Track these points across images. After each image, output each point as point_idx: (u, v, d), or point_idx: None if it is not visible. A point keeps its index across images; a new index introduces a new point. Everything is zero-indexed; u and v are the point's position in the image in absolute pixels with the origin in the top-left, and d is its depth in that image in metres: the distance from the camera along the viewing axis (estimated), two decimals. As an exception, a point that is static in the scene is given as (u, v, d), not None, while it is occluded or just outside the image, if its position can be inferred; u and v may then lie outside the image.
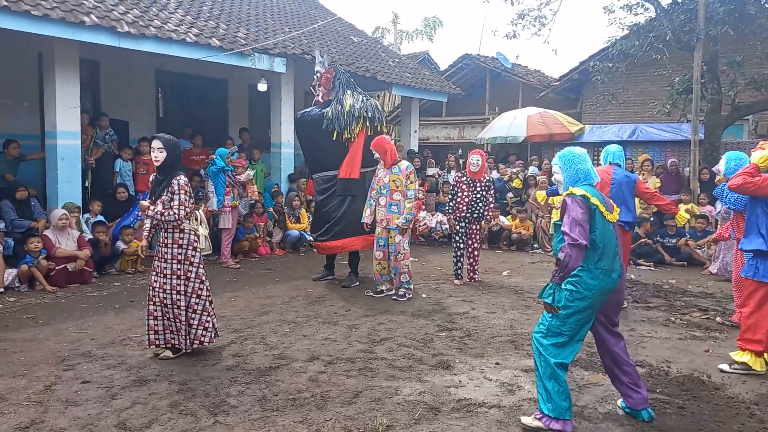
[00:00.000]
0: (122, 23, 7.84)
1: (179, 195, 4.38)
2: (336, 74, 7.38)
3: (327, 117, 7.03)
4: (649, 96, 12.90)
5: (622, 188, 5.96)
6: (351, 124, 6.98)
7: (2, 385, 3.93)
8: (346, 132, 6.98)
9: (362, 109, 7.06)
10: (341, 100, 7.14)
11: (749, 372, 4.38)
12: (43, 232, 7.15)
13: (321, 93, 7.34)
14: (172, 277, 4.46)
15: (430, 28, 29.97)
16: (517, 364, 4.51)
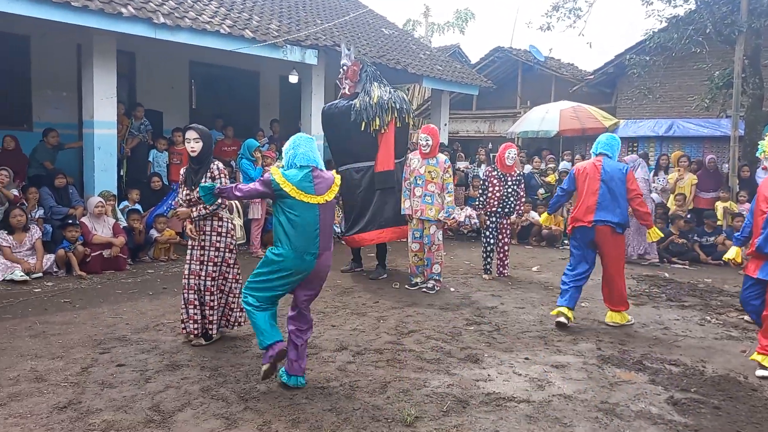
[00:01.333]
0: (158, 14, 7.97)
1: (221, 179, 4.48)
2: (363, 67, 7.35)
3: (355, 108, 7.00)
4: (687, 90, 12.57)
5: (614, 183, 5.28)
6: (380, 115, 6.95)
7: (42, 366, 4.05)
8: (375, 123, 6.95)
9: (390, 101, 7.03)
10: (369, 92, 7.11)
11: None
12: (80, 219, 7.34)
13: (347, 86, 7.33)
14: (208, 264, 4.55)
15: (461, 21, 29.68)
16: (547, 360, 4.46)
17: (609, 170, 5.30)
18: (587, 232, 5.31)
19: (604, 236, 5.25)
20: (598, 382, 4.04)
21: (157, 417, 3.32)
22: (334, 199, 3.69)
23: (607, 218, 5.20)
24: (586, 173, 5.37)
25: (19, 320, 5.09)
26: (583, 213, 5.30)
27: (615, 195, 5.25)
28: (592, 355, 4.62)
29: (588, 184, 5.31)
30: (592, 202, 5.23)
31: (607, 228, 5.22)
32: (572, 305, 5.37)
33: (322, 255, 3.60)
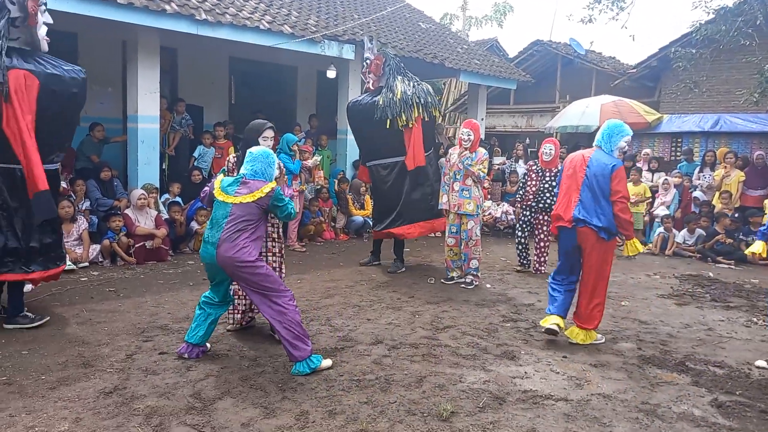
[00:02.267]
0: (200, 11, 8.11)
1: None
2: (386, 60, 7.27)
3: (378, 106, 6.93)
4: (735, 84, 12.11)
5: (597, 181, 4.52)
6: (405, 111, 6.87)
7: (88, 352, 4.19)
8: (401, 119, 6.87)
9: (414, 96, 6.95)
10: (392, 87, 7.03)
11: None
12: (124, 210, 7.55)
13: (371, 80, 7.28)
14: (267, 254, 4.62)
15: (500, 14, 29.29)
16: (585, 359, 4.39)
17: (595, 165, 4.56)
18: (569, 233, 4.67)
19: (587, 240, 4.57)
20: (638, 383, 3.96)
21: (198, 404, 3.41)
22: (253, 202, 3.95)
23: (588, 219, 4.52)
24: (574, 165, 4.71)
25: (67, 308, 5.28)
26: (564, 210, 4.69)
27: (597, 195, 4.52)
28: (633, 354, 4.53)
29: (573, 179, 4.69)
30: (574, 199, 4.62)
31: (589, 231, 4.53)
32: (563, 313, 4.80)
33: (221, 246, 3.87)
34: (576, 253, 4.70)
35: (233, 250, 3.85)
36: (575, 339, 4.69)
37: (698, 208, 9.92)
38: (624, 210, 4.51)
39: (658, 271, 8.05)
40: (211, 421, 3.22)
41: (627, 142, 4.67)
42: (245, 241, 3.88)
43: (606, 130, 4.70)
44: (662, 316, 5.73)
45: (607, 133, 4.67)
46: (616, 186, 4.49)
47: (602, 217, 4.50)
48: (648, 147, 12.77)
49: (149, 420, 3.20)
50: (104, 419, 3.20)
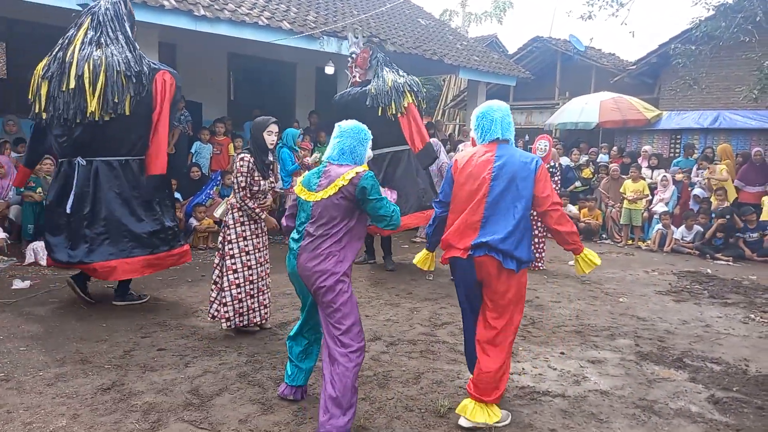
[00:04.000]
0: (198, 7, 8.10)
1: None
2: (372, 53, 7.22)
3: (370, 94, 6.87)
4: (735, 81, 12.10)
5: (513, 188, 3.18)
6: (396, 99, 6.81)
7: (87, 348, 4.20)
8: (392, 108, 6.80)
9: (406, 84, 6.91)
10: (382, 77, 6.98)
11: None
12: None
13: (358, 74, 7.21)
14: (264, 249, 4.66)
15: (499, 10, 29.25)
16: (583, 355, 4.40)
17: (508, 165, 3.20)
18: (464, 267, 3.26)
19: (489, 274, 3.20)
20: (635, 379, 3.97)
21: (195, 400, 3.41)
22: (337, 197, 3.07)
23: (495, 244, 3.13)
24: (469, 169, 3.28)
25: (66, 304, 5.29)
26: (459, 234, 3.24)
27: (510, 208, 3.18)
28: (630, 351, 4.54)
29: (469, 188, 3.24)
30: (474, 216, 3.20)
31: (491, 261, 3.16)
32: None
33: (301, 255, 3.12)
34: (478, 292, 3.34)
35: (314, 260, 3.05)
36: (471, 419, 3.18)
37: (698, 205, 9.93)
38: (561, 220, 3.26)
39: (657, 268, 8.06)
40: (209, 417, 3.22)
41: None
42: (330, 249, 3.05)
43: (505, 118, 3.34)
44: (660, 312, 5.74)
45: (506, 120, 3.34)
46: (544, 189, 3.22)
47: (515, 240, 3.16)
48: (647, 144, 12.77)
49: (147, 416, 3.20)
50: (102, 415, 3.20)
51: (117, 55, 4.89)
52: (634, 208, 9.99)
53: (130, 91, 4.87)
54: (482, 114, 3.36)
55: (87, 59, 4.82)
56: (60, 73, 4.85)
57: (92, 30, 5.02)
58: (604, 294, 6.41)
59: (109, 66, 4.82)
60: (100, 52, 4.87)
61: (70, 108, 4.81)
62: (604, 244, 10.16)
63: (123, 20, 5.17)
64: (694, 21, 11.09)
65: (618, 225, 10.34)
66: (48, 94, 4.90)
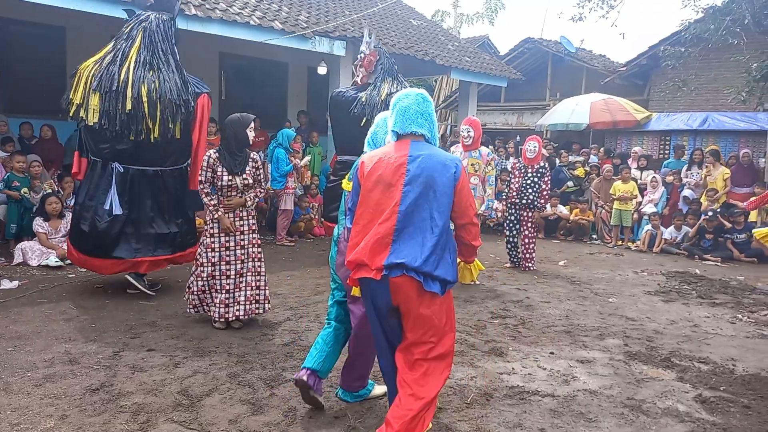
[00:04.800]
0: (189, 6, 8.06)
1: (262, 169, 4.85)
2: (379, 58, 7.22)
3: (360, 101, 6.90)
4: (723, 83, 12.20)
5: (432, 193, 2.69)
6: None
7: (75, 349, 4.17)
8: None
9: None
10: (379, 87, 6.98)
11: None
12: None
13: (361, 74, 7.22)
14: (249, 246, 4.74)
15: (491, 11, 29.35)
16: (572, 355, 4.43)
17: (423, 166, 2.70)
18: (377, 290, 2.75)
19: (407, 298, 2.70)
20: (624, 379, 4.00)
21: (185, 401, 3.40)
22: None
23: (410, 262, 2.63)
24: (378, 172, 2.76)
25: (54, 305, 5.25)
26: (369, 250, 2.71)
27: (427, 219, 2.68)
28: (619, 351, 4.57)
29: (379, 194, 2.74)
30: (385, 229, 2.68)
31: (410, 282, 2.67)
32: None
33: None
34: (394, 318, 2.83)
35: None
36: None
37: (687, 207, 10.01)
38: (471, 231, 2.85)
39: (646, 268, 8.12)
40: (199, 417, 3.22)
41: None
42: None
43: (422, 110, 2.81)
44: (649, 312, 5.78)
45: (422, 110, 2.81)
46: (466, 201, 2.77)
47: (436, 257, 2.66)
48: (637, 145, 12.86)
49: (136, 417, 3.19)
50: (90, 416, 3.19)
51: (169, 82, 5.21)
52: (625, 209, 10.06)
53: (180, 117, 5.27)
54: (394, 103, 2.84)
55: (142, 81, 5.09)
56: (116, 91, 5.05)
57: (145, 49, 5.26)
58: (594, 294, 6.45)
59: (164, 93, 5.14)
60: (154, 76, 5.17)
61: (127, 127, 5.12)
62: (594, 244, 10.22)
63: (172, 41, 5.46)
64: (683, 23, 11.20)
65: (608, 226, 10.40)
66: (101, 108, 5.11)
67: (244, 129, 4.61)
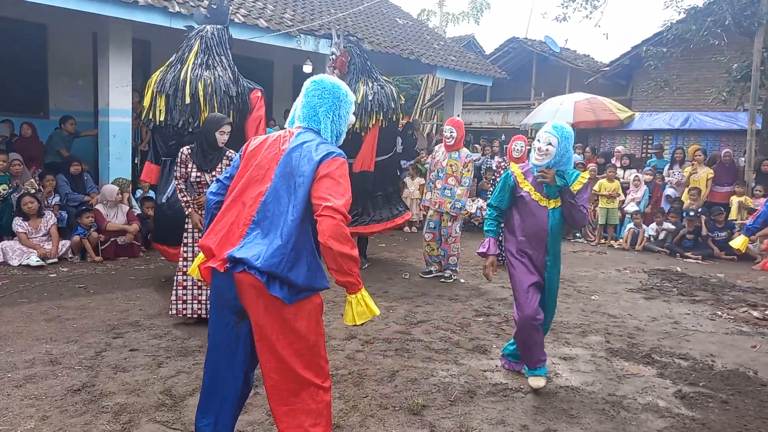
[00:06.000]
0: (173, 3, 8.00)
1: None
2: (351, 59, 7.08)
3: None
4: (705, 83, 12.39)
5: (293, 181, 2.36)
6: (362, 116, 6.74)
7: (56, 349, 4.13)
8: (357, 124, 6.72)
9: (374, 101, 6.81)
10: (354, 88, 6.86)
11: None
12: (95, 206, 7.43)
13: (336, 75, 7.17)
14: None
15: (476, 11, 29.44)
16: (555, 352, 4.47)
17: (294, 153, 2.40)
18: (222, 286, 2.39)
19: (252, 300, 2.32)
20: (605, 375, 4.05)
21: (168, 401, 3.38)
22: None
23: (253, 258, 2.26)
24: (261, 152, 2.49)
25: (35, 305, 5.19)
26: (219, 235, 2.40)
27: (285, 210, 2.34)
28: (601, 347, 4.63)
29: (251, 176, 2.46)
30: (245, 216, 2.38)
31: (252, 282, 2.29)
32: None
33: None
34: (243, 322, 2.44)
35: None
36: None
37: (670, 205, 10.13)
38: (338, 234, 2.22)
39: (628, 266, 8.22)
40: (182, 417, 3.20)
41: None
42: None
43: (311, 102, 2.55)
44: (630, 309, 5.86)
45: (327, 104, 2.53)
46: (323, 189, 2.30)
47: (290, 257, 2.28)
48: (620, 144, 12.99)
49: (118, 417, 3.17)
50: (72, 417, 3.16)
51: (222, 77, 5.75)
52: (611, 207, 10.16)
53: (233, 107, 5.73)
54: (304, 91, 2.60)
55: (199, 79, 5.67)
56: (175, 89, 5.66)
57: (202, 53, 5.90)
58: (577, 292, 6.51)
59: (218, 86, 5.68)
60: (209, 73, 5.73)
61: (186, 119, 5.60)
62: (578, 242, 10.31)
63: (226, 46, 6.08)
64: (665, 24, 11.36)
65: (592, 224, 10.50)
66: (166, 107, 5.69)
67: (214, 130, 4.62)
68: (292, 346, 2.32)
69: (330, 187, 2.29)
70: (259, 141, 2.53)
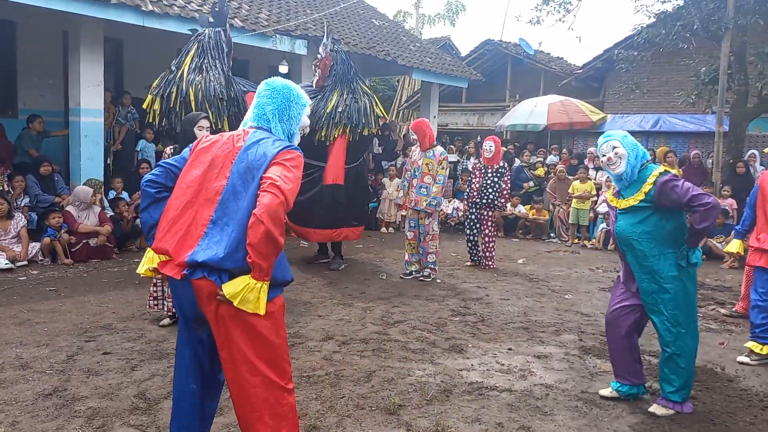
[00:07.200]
0: (146, 2, 7.89)
1: None
2: (333, 64, 7.03)
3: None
4: (674, 86, 12.66)
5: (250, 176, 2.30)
6: (328, 127, 6.70)
7: (27, 353, 4.05)
8: (321, 134, 6.70)
9: (343, 114, 6.74)
10: (327, 97, 6.84)
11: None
12: (66, 207, 7.30)
13: (318, 76, 7.06)
14: None
15: (452, 13, 29.62)
16: (529, 351, 4.53)
17: (251, 150, 2.35)
18: (181, 294, 2.36)
19: (213, 308, 2.26)
20: (579, 372, 4.12)
21: (142, 404, 3.35)
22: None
23: (215, 261, 2.20)
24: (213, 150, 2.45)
25: (4, 308, 5.08)
26: (175, 238, 2.32)
27: (243, 204, 2.26)
28: (574, 346, 4.70)
29: (203, 174, 2.40)
30: (201, 217, 2.31)
31: (213, 289, 2.22)
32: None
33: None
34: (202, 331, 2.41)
35: None
36: None
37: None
38: (275, 214, 2.12)
39: (601, 266, 8.36)
40: (156, 421, 3.17)
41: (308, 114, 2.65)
42: None
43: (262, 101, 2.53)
44: (603, 308, 5.94)
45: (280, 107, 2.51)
46: (275, 169, 2.25)
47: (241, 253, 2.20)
48: (593, 146, 13.19)
49: (91, 421, 3.12)
50: (43, 422, 3.10)
51: (213, 81, 5.88)
52: (582, 208, 10.32)
53: (226, 111, 5.83)
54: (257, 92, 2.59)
55: (190, 84, 5.83)
56: (169, 93, 5.85)
57: (197, 57, 6.03)
58: (551, 291, 6.61)
59: (209, 91, 5.81)
60: (201, 78, 5.87)
61: (178, 122, 5.63)
62: (552, 242, 10.45)
63: (222, 48, 6.16)
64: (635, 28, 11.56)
65: (565, 224, 10.65)
66: (161, 110, 5.88)
67: (192, 126, 4.58)
68: (258, 350, 2.28)
69: (280, 171, 2.24)
70: (210, 140, 2.49)
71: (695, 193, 3.23)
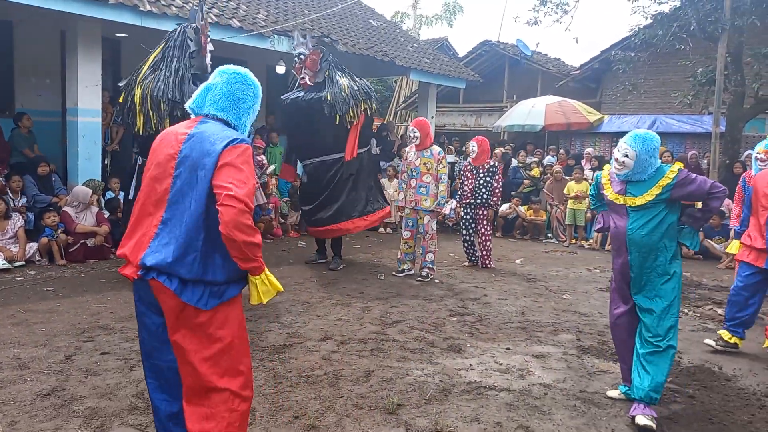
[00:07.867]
0: (144, 2, 7.89)
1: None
2: (323, 55, 7.05)
3: (327, 102, 6.74)
4: (671, 87, 12.71)
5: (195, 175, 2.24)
6: (354, 106, 6.83)
7: (25, 353, 4.04)
8: (350, 115, 6.81)
9: (360, 90, 6.96)
10: (337, 83, 6.88)
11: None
12: (63, 207, 7.28)
13: (308, 76, 7.02)
14: None
15: (450, 14, 29.68)
16: (527, 350, 4.54)
17: (195, 145, 2.27)
18: (141, 295, 2.37)
19: (168, 307, 2.27)
20: (577, 372, 4.13)
21: (141, 404, 3.34)
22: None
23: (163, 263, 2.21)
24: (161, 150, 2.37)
25: (2, 308, 5.07)
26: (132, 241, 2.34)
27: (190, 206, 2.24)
28: (572, 345, 4.71)
29: (152, 176, 2.36)
30: (153, 218, 2.30)
31: (164, 288, 2.23)
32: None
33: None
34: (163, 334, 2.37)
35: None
36: None
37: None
38: (241, 225, 2.11)
39: (598, 266, 8.38)
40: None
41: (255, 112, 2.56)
42: None
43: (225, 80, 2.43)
44: (601, 308, 5.97)
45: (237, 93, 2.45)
46: (225, 173, 2.18)
47: (198, 257, 2.21)
48: (590, 146, 13.24)
49: (89, 421, 3.12)
50: (41, 422, 3.10)
51: (161, 81, 5.62)
52: (578, 209, 10.34)
53: (168, 113, 5.55)
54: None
55: (142, 82, 5.69)
56: (128, 91, 5.80)
57: (161, 53, 5.87)
58: (549, 291, 6.62)
59: (154, 91, 5.59)
60: (152, 77, 5.68)
61: (128, 121, 5.84)
62: (549, 243, 10.47)
63: (187, 45, 5.83)
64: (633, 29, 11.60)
65: (563, 225, 10.67)
66: (122, 108, 5.96)
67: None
68: (206, 352, 2.26)
69: (231, 174, 2.17)
70: (159, 138, 2.44)
71: (711, 182, 3.44)
